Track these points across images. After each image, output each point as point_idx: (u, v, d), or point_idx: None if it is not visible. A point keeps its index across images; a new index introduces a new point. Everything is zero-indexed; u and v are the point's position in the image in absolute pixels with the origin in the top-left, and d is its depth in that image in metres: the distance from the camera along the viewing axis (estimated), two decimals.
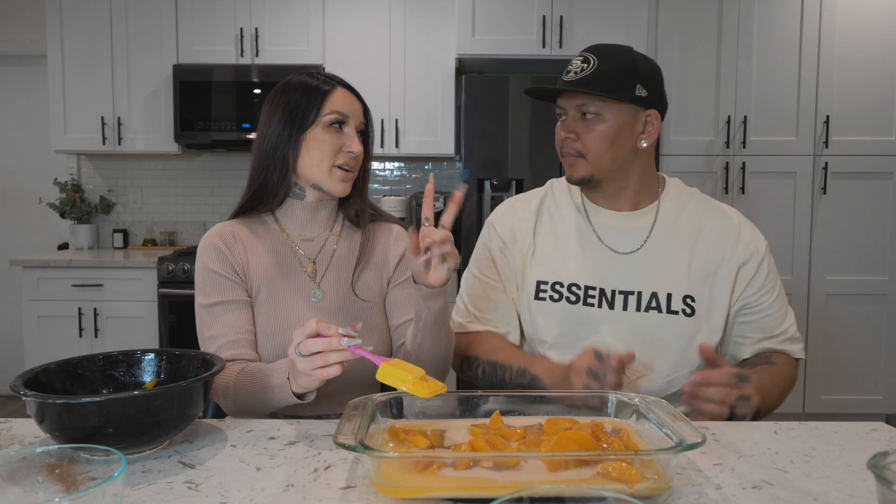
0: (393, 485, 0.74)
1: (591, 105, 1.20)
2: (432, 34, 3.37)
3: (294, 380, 0.98)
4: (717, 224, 1.29)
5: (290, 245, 1.27)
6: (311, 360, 0.92)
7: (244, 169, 4.14)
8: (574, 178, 1.26)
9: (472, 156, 3.12)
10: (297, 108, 1.20)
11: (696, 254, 1.27)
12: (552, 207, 1.35)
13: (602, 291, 1.26)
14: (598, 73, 1.18)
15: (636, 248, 1.27)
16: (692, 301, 1.25)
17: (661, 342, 1.24)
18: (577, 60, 1.22)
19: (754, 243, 1.28)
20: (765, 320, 1.29)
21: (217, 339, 1.18)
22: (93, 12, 3.37)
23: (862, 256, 3.17)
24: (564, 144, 1.25)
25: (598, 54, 1.20)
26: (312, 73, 1.26)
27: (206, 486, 0.79)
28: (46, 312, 3.16)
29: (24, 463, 0.64)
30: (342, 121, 1.21)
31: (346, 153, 1.21)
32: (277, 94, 1.24)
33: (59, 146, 3.44)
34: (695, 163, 3.15)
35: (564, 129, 1.24)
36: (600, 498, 0.51)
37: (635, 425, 0.90)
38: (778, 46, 3.11)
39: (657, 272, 1.26)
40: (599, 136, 1.21)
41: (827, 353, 3.18)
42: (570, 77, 1.22)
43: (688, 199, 1.33)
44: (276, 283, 1.23)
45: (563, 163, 1.28)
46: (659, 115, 1.25)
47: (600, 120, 1.21)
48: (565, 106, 1.25)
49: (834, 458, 0.89)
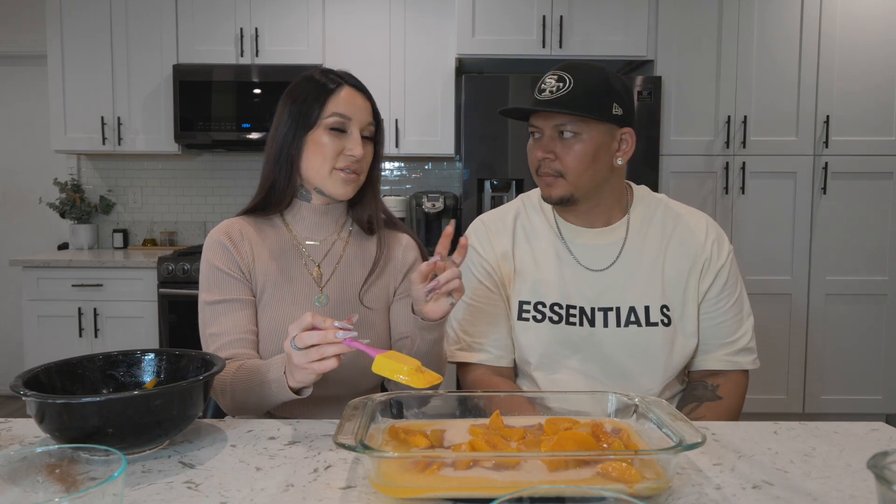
0: (393, 485, 0.74)
1: (568, 124, 1.19)
2: (432, 34, 3.37)
3: (290, 374, 0.98)
4: (684, 228, 1.29)
5: (296, 247, 1.26)
6: (307, 353, 0.92)
7: (244, 169, 4.15)
8: (553, 198, 1.24)
9: (471, 156, 3.12)
10: (302, 108, 1.19)
11: (667, 261, 1.27)
12: (527, 226, 1.33)
13: (582, 310, 1.26)
14: (576, 93, 1.17)
15: (609, 263, 1.27)
16: (668, 310, 1.25)
17: (644, 355, 1.24)
18: (552, 79, 1.20)
19: (718, 247, 1.28)
20: (718, 327, 1.28)
21: (219, 337, 1.17)
22: (93, 12, 3.37)
23: (862, 256, 3.17)
24: (542, 164, 1.23)
25: (573, 73, 1.19)
26: (325, 70, 1.24)
27: (206, 486, 0.79)
28: (46, 312, 3.16)
29: (24, 463, 0.64)
30: (344, 123, 1.19)
31: (346, 156, 1.19)
32: (288, 93, 1.23)
33: (59, 146, 3.44)
34: (695, 163, 3.15)
35: (542, 148, 1.22)
36: (600, 498, 0.51)
37: (635, 425, 0.90)
38: (778, 46, 3.11)
39: (632, 286, 1.26)
40: (579, 156, 1.20)
41: (827, 353, 3.18)
42: (545, 96, 1.20)
43: (655, 207, 1.32)
44: (281, 284, 1.22)
45: (539, 182, 1.26)
46: (633, 134, 1.25)
47: (578, 139, 1.20)
48: (540, 125, 1.23)
49: (834, 458, 0.89)
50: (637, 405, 0.92)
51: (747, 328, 1.30)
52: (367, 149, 1.22)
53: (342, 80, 1.22)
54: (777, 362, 3.17)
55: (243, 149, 3.61)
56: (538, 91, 1.21)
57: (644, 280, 1.26)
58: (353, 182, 1.21)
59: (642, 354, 1.24)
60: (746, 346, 1.30)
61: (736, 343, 1.29)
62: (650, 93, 3.03)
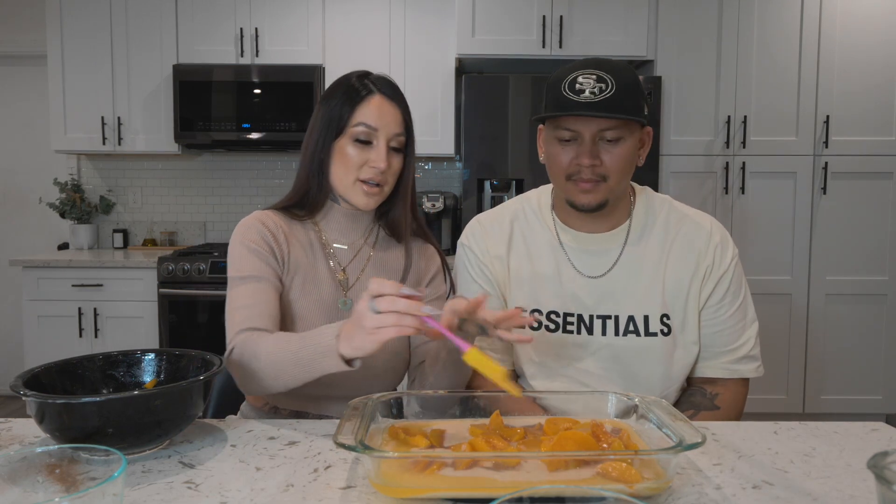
0: (393, 485, 0.74)
1: (614, 130, 1.13)
2: (432, 34, 3.37)
3: (349, 338, 0.90)
4: (687, 232, 1.25)
5: (324, 247, 1.25)
6: (383, 317, 0.85)
7: (244, 169, 4.15)
8: (593, 204, 1.17)
9: (471, 156, 3.12)
10: (332, 112, 1.18)
11: (669, 268, 1.23)
12: (525, 230, 1.29)
13: (580, 317, 1.23)
14: (619, 94, 1.11)
15: (607, 269, 1.23)
16: (668, 319, 1.22)
17: (643, 365, 1.21)
18: (588, 79, 1.12)
19: (721, 252, 1.24)
20: (719, 335, 1.24)
21: (250, 308, 1.11)
22: (93, 12, 3.37)
23: (862, 256, 3.17)
24: (583, 170, 1.15)
25: (612, 73, 1.12)
26: (362, 74, 1.21)
27: (206, 486, 0.79)
28: (46, 312, 3.16)
29: (24, 463, 0.64)
30: (370, 134, 1.16)
31: (370, 168, 1.16)
32: (325, 93, 1.22)
33: (59, 146, 3.44)
34: (695, 163, 3.15)
35: (587, 154, 1.14)
36: (600, 498, 0.51)
37: (635, 425, 0.90)
38: (778, 46, 3.11)
39: (632, 294, 1.22)
40: (623, 159, 1.16)
41: (827, 353, 3.18)
42: (586, 97, 1.11)
43: (658, 210, 1.27)
44: (309, 280, 1.21)
45: (572, 188, 1.18)
46: (652, 132, 1.23)
47: (622, 143, 1.14)
48: (580, 129, 1.14)
49: (834, 458, 0.89)
50: (637, 405, 0.92)
51: (750, 335, 1.26)
52: (393, 160, 1.19)
53: (374, 87, 1.19)
54: (777, 362, 3.17)
55: (243, 149, 3.61)
56: (574, 92, 1.12)
57: (644, 288, 1.22)
58: (375, 195, 1.19)
59: (641, 365, 1.21)
60: (748, 354, 1.25)
61: (737, 351, 1.24)
62: (650, 93, 3.03)
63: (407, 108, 1.22)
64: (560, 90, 1.14)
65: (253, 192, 3.80)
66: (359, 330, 0.88)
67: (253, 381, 1.05)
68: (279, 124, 3.28)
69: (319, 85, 3.29)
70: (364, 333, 0.87)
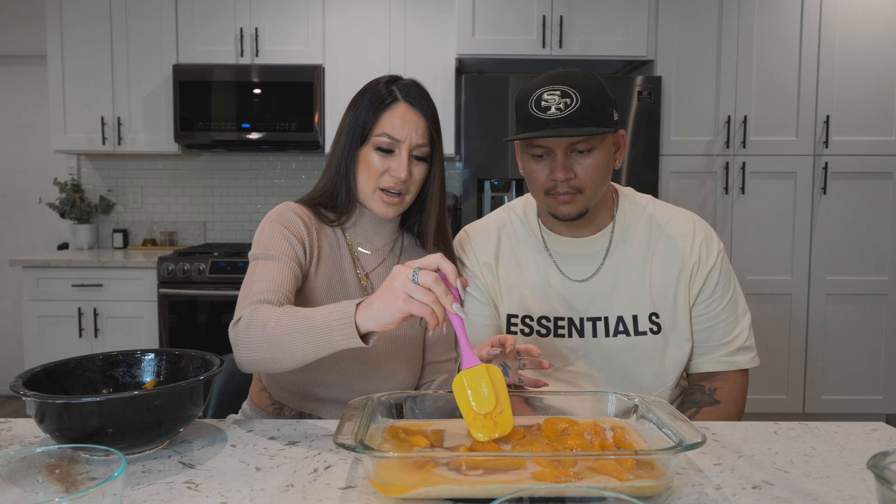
0: (393, 484, 0.74)
1: (584, 142, 1.15)
2: (432, 34, 3.37)
3: (369, 304, 0.86)
4: (670, 231, 1.26)
5: (349, 250, 1.24)
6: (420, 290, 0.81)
7: (244, 169, 4.15)
8: (573, 215, 1.20)
9: (472, 156, 3.12)
10: (358, 119, 1.17)
11: (654, 268, 1.25)
12: (512, 238, 1.31)
13: (571, 321, 1.25)
14: (585, 108, 1.12)
15: (593, 273, 1.26)
16: (657, 318, 1.24)
17: (634, 365, 1.23)
18: (552, 96, 1.13)
19: (706, 248, 1.25)
20: (713, 329, 1.26)
21: (269, 282, 1.07)
22: (93, 12, 3.37)
23: (862, 256, 3.17)
24: (559, 184, 1.17)
25: (575, 87, 1.13)
26: (391, 80, 1.19)
27: (206, 486, 0.79)
28: (46, 312, 3.16)
29: (24, 463, 0.64)
30: (392, 144, 1.16)
31: (391, 176, 1.16)
32: (354, 98, 1.21)
33: (59, 146, 3.44)
34: (695, 163, 3.15)
35: (561, 169, 1.16)
36: (600, 498, 0.51)
37: (635, 425, 0.90)
38: (778, 46, 3.11)
39: (619, 295, 1.24)
40: (597, 169, 1.17)
41: (827, 353, 3.18)
42: (552, 115, 1.13)
43: (641, 211, 1.29)
44: (334, 285, 1.20)
45: (551, 202, 1.20)
46: (626, 134, 1.24)
47: (593, 153, 1.17)
48: (550, 146, 1.16)
49: (834, 458, 0.89)
50: (637, 405, 0.92)
51: (744, 326, 1.28)
52: (416, 169, 1.18)
53: (400, 94, 1.17)
54: (777, 362, 3.17)
55: (243, 149, 3.60)
56: (540, 110, 1.14)
57: (631, 288, 1.24)
58: (395, 205, 1.18)
59: (632, 364, 1.23)
60: (744, 345, 1.27)
61: (732, 343, 1.26)
62: (650, 93, 3.03)
63: (434, 116, 1.20)
64: (527, 108, 1.16)
65: (253, 192, 3.80)
66: (386, 293, 0.83)
67: (252, 351, 0.97)
68: (279, 124, 3.28)
69: (319, 85, 3.29)
70: (390, 297, 0.83)
